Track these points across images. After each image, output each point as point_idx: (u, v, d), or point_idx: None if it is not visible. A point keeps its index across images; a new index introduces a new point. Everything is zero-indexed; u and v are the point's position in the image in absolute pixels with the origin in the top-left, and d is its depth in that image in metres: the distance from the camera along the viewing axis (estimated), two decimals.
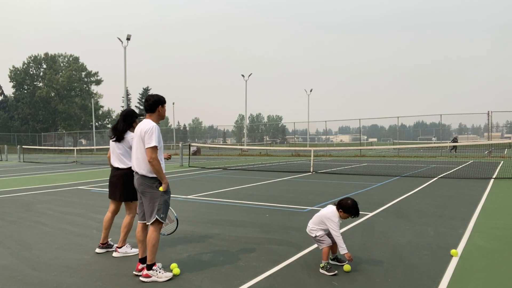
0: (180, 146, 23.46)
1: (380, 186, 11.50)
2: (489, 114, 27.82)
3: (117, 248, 5.00)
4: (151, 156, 4.02)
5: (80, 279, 4.12)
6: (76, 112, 70.40)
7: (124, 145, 4.99)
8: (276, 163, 23.62)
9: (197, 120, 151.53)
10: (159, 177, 4.08)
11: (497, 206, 8.14)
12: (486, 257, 4.72)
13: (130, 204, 5.02)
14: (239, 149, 41.10)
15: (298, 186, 11.81)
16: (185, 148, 24.58)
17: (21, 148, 32.98)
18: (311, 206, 8.24)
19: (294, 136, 57.21)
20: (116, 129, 5.04)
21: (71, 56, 73.02)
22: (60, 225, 6.76)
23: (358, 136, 41.82)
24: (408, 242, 5.37)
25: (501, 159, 24.12)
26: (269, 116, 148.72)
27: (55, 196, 10.23)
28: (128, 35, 34.66)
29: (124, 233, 4.99)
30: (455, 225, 6.31)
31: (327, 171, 16.94)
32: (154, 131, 4.06)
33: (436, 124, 47.37)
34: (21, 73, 69.29)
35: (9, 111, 70.51)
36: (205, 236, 5.86)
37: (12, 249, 5.31)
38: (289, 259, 4.66)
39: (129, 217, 5.02)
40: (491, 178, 13.28)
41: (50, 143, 62.40)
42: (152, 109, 4.25)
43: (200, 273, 4.24)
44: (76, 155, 30.33)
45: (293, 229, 6.17)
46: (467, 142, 40.27)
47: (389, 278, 4.05)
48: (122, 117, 5.07)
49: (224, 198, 9.59)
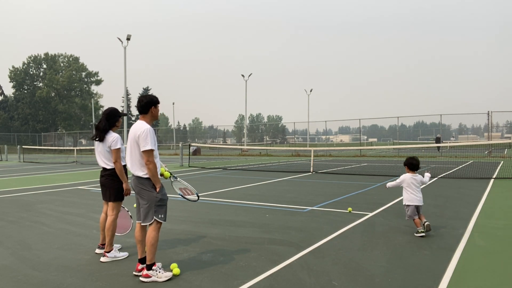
0: (180, 146, 23.46)
1: (380, 186, 11.50)
2: (489, 114, 27.83)
3: (105, 253, 4.77)
4: (148, 159, 4.01)
5: (80, 279, 4.12)
6: (76, 112, 70.44)
7: (104, 146, 4.84)
8: (276, 163, 23.62)
9: (197, 120, 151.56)
10: (153, 180, 4.06)
11: (497, 206, 8.14)
12: (486, 257, 4.72)
13: (114, 204, 4.84)
14: (239, 149, 41.09)
15: (298, 186, 11.81)
16: (185, 148, 24.58)
17: (21, 148, 32.98)
18: (311, 206, 8.24)
19: (294, 136, 57.20)
20: (97, 128, 4.89)
21: (71, 56, 73.03)
22: (60, 225, 6.76)
23: (358, 136, 41.82)
24: (408, 242, 5.37)
25: (501, 159, 24.11)
26: (269, 116, 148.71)
27: (55, 196, 10.23)
28: (128, 35, 34.64)
29: (110, 236, 4.77)
30: (455, 225, 6.31)
31: (327, 171, 16.94)
32: (148, 134, 4.02)
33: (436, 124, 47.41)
34: (21, 73, 69.28)
35: (9, 111, 70.49)
36: (205, 236, 5.86)
37: (12, 249, 5.30)
38: (289, 259, 4.65)
39: (111, 218, 4.80)
40: (491, 178, 13.27)
41: (50, 143, 62.40)
42: (145, 110, 4.20)
43: (200, 273, 4.24)
44: (76, 155, 30.32)
45: (293, 229, 6.17)
46: (467, 142, 40.25)
47: (389, 278, 4.04)
48: (105, 116, 4.90)
49: (224, 198, 9.59)
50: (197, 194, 4.71)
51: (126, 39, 34.70)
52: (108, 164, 4.86)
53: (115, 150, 4.76)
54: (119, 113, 5.02)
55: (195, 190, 4.72)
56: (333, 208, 7.97)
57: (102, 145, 4.87)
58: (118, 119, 4.96)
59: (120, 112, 5.05)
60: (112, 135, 4.85)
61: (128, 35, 34.69)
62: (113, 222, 4.81)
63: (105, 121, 4.89)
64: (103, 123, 4.88)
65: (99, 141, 4.87)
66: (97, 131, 4.88)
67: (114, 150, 4.76)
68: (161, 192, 4.13)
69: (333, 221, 6.76)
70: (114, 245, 4.90)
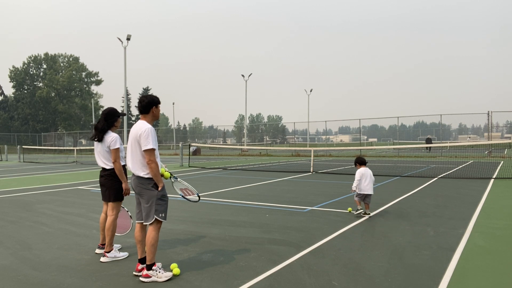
0: (180, 146, 23.46)
1: (380, 186, 11.50)
2: (489, 114, 27.84)
3: (105, 253, 4.76)
4: (150, 158, 4.02)
5: (80, 279, 4.12)
6: (76, 112, 70.43)
7: (103, 146, 4.84)
8: (276, 163, 23.62)
9: (197, 120, 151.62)
10: (155, 180, 4.07)
11: (497, 206, 8.14)
12: (486, 257, 4.72)
13: (114, 204, 4.84)
14: (239, 149, 41.11)
15: (298, 186, 11.81)
16: (185, 148, 24.58)
17: (21, 148, 32.97)
18: (311, 206, 8.24)
19: (294, 136, 57.21)
20: (96, 128, 4.89)
21: (71, 56, 73.03)
22: (60, 225, 6.76)
23: (358, 136, 41.83)
24: (408, 242, 5.37)
25: (501, 159, 24.11)
26: (269, 116, 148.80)
27: (55, 196, 10.23)
28: (128, 35, 34.66)
29: (110, 236, 4.77)
30: (455, 225, 6.31)
31: (327, 171, 16.94)
32: (150, 133, 4.04)
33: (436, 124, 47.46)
34: (21, 73, 69.27)
35: (9, 111, 70.49)
36: (205, 236, 5.86)
37: (12, 249, 5.31)
38: (289, 259, 4.65)
39: (111, 218, 4.80)
40: (491, 178, 13.28)
41: (50, 143, 62.39)
42: (146, 110, 4.21)
43: (200, 273, 4.24)
44: (76, 155, 30.33)
45: (293, 229, 6.17)
46: (467, 142, 40.25)
47: (389, 278, 4.05)
48: (104, 116, 4.89)
49: (224, 198, 9.59)
50: (197, 194, 4.71)
51: (126, 39, 34.72)
52: (107, 164, 4.85)
53: (114, 150, 4.76)
54: (118, 113, 5.01)
55: (196, 190, 4.72)
56: (333, 208, 7.97)
57: (101, 145, 4.87)
58: (117, 119, 4.95)
59: (119, 112, 5.04)
60: (111, 135, 4.85)
61: (128, 35, 34.71)
62: (113, 222, 4.81)
63: (104, 121, 4.88)
64: (102, 123, 4.87)
65: (98, 141, 4.87)
66: (96, 131, 4.88)
67: (113, 150, 4.76)
68: (162, 190, 4.15)
69: (333, 221, 6.76)
70: (114, 245, 4.90)
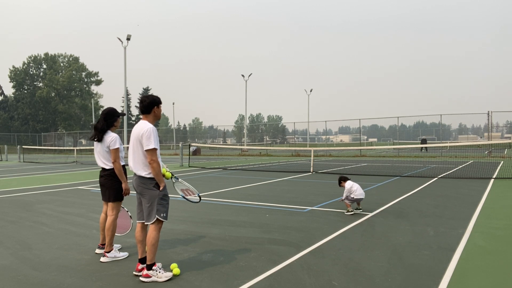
0: (180, 146, 23.46)
1: (380, 186, 11.50)
2: (489, 114, 27.84)
3: (105, 253, 4.76)
4: (152, 158, 4.02)
5: (80, 279, 4.12)
6: (76, 112, 70.44)
7: (103, 146, 4.83)
8: (276, 163, 23.62)
9: (197, 120, 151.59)
10: (157, 179, 4.08)
11: (497, 206, 8.14)
12: (486, 257, 4.72)
13: (114, 204, 4.84)
14: (239, 149, 41.11)
15: (298, 186, 11.81)
16: (185, 148, 24.58)
17: (21, 148, 32.98)
18: (311, 206, 8.24)
19: (294, 136, 57.20)
20: (96, 128, 4.89)
21: (71, 56, 73.05)
22: (60, 225, 6.76)
23: (358, 136, 41.84)
24: (408, 242, 5.37)
25: (501, 159, 24.11)
26: (269, 116, 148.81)
27: (55, 196, 10.24)
28: (128, 35, 34.66)
29: (110, 236, 4.76)
30: (455, 225, 6.31)
31: (327, 171, 16.94)
32: (152, 133, 4.05)
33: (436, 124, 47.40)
34: (21, 73, 69.28)
35: (9, 111, 70.49)
36: (205, 236, 5.86)
37: (12, 249, 5.31)
38: (289, 259, 4.65)
39: (111, 218, 4.80)
40: (491, 178, 13.28)
41: (50, 143, 62.40)
42: (148, 110, 4.21)
43: (200, 273, 4.24)
44: (76, 155, 30.33)
45: (293, 229, 6.17)
46: (467, 142, 40.24)
47: (389, 278, 4.05)
48: (103, 116, 4.88)
49: (224, 198, 9.59)
50: (198, 195, 4.71)
51: (126, 39, 34.72)
52: (107, 164, 4.85)
53: (113, 150, 4.76)
54: (117, 113, 5.00)
55: (196, 191, 4.72)
56: (333, 208, 7.97)
57: (100, 145, 4.86)
58: (116, 119, 4.95)
59: (118, 112, 5.03)
60: (110, 135, 4.85)
61: (128, 35, 34.70)
62: (113, 222, 4.81)
63: (104, 121, 4.87)
64: (102, 123, 4.87)
65: (98, 141, 4.87)
66: (96, 131, 4.88)
67: (112, 150, 4.76)
68: (164, 190, 4.15)
69: (333, 221, 6.77)
70: (114, 245, 4.89)
